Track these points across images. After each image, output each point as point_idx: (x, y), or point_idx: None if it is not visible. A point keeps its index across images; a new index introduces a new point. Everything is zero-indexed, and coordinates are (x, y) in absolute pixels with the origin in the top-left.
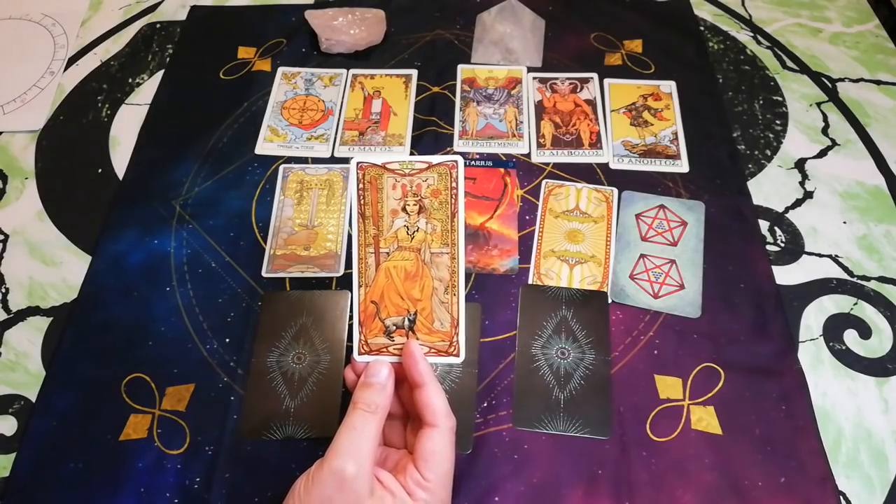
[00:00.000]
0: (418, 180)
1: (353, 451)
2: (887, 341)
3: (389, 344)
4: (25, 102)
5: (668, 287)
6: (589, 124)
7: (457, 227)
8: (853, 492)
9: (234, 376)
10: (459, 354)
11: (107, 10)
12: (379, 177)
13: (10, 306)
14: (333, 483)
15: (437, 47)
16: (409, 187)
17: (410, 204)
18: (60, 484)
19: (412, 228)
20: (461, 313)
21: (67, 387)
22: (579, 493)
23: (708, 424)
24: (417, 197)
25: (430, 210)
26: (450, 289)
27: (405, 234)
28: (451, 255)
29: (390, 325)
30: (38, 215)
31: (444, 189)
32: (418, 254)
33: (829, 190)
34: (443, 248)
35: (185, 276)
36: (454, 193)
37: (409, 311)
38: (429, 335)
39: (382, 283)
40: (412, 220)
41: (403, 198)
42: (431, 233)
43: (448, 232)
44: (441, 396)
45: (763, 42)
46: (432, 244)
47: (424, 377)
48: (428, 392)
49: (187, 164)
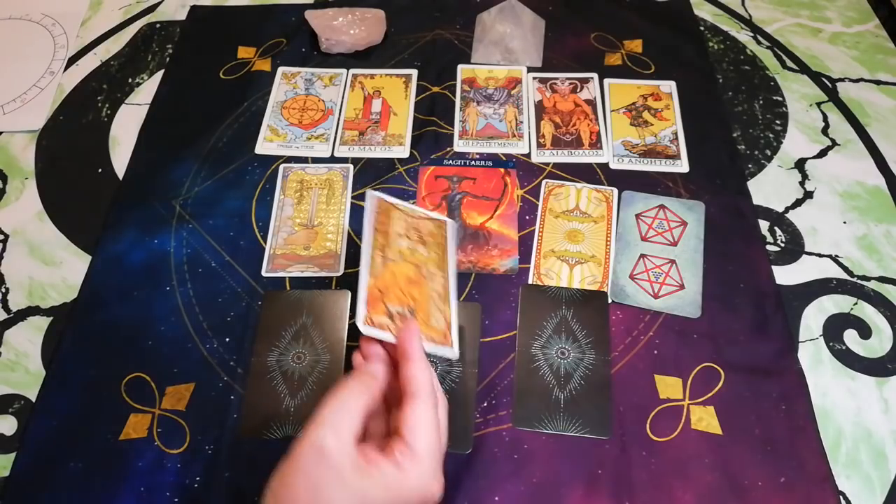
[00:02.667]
0: (419, 223)
1: (334, 423)
2: (887, 341)
3: (391, 325)
4: (25, 102)
5: (668, 287)
6: (589, 124)
7: (447, 260)
8: (853, 492)
9: (234, 376)
10: (452, 346)
11: (107, 10)
12: (391, 209)
13: (10, 306)
14: (312, 456)
15: (437, 47)
16: (411, 224)
17: (413, 236)
18: (60, 483)
19: (413, 249)
20: (454, 319)
21: (67, 386)
22: (579, 493)
23: (708, 424)
24: (419, 233)
25: (428, 243)
26: (444, 300)
27: (407, 251)
28: (444, 278)
29: (393, 311)
30: (38, 215)
31: (439, 236)
32: (418, 268)
33: (829, 190)
34: (438, 271)
35: (185, 276)
36: (445, 245)
37: (410, 304)
38: (426, 328)
39: (388, 279)
40: (414, 245)
41: (407, 230)
42: (428, 258)
43: (442, 261)
44: (428, 373)
45: (763, 42)
46: (429, 265)
47: (416, 352)
48: (415, 366)
49: (187, 163)
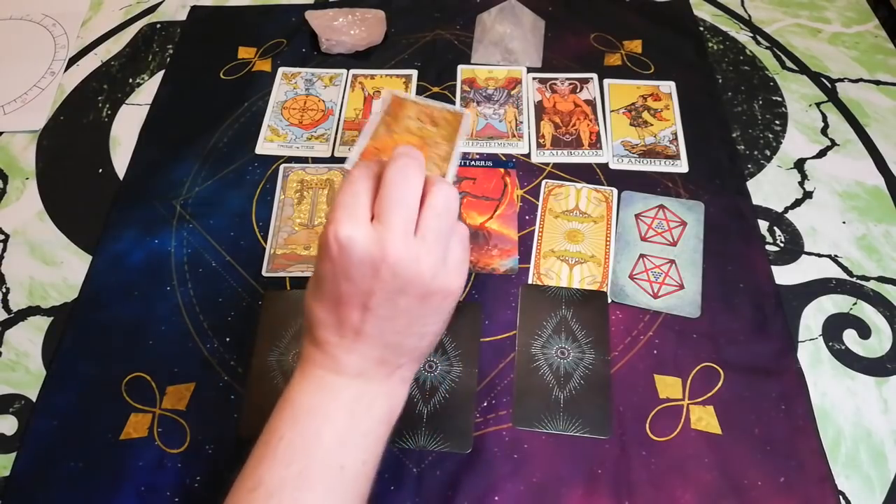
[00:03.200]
0: (433, 111)
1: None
2: (886, 341)
3: None
4: (26, 103)
5: (667, 287)
6: (589, 124)
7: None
8: (853, 491)
9: (235, 375)
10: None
11: (107, 10)
12: (404, 101)
13: (10, 306)
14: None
15: (437, 47)
16: (426, 112)
17: (424, 119)
18: (61, 483)
19: (422, 128)
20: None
21: (68, 386)
22: (579, 493)
23: (707, 424)
24: (431, 118)
25: (439, 125)
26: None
27: (415, 128)
28: (449, 148)
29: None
30: (39, 215)
31: (453, 122)
32: (423, 139)
33: (828, 190)
34: (444, 142)
35: (185, 276)
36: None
37: None
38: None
39: (387, 142)
40: (423, 125)
41: (419, 114)
42: (436, 133)
43: (451, 137)
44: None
45: (762, 42)
46: (436, 138)
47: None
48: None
49: (188, 163)
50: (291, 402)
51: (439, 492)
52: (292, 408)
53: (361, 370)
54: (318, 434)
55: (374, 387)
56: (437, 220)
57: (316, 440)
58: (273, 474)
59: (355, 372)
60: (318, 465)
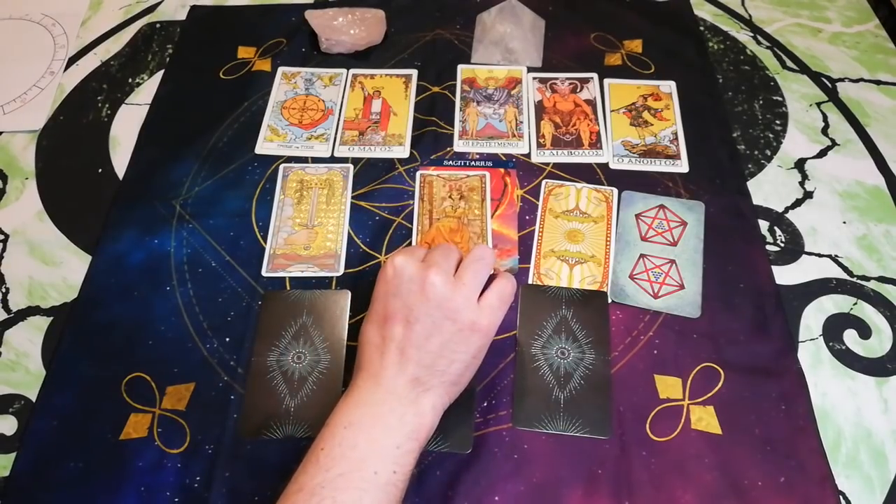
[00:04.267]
0: (460, 182)
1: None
2: (887, 341)
3: None
4: (25, 102)
5: (667, 287)
6: (589, 124)
7: (485, 206)
8: (853, 491)
9: (235, 375)
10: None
11: (107, 10)
12: (434, 179)
13: (10, 306)
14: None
15: (437, 47)
16: (454, 186)
17: (455, 196)
18: (60, 483)
19: (455, 206)
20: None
21: (67, 386)
22: (579, 493)
23: (708, 424)
24: (460, 192)
25: (467, 196)
26: (481, 237)
27: (451, 209)
28: (482, 220)
29: None
30: (38, 215)
31: (479, 189)
32: (459, 220)
33: (828, 190)
34: (477, 217)
35: (185, 276)
36: (484, 189)
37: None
38: None
39: (433, 233)
40: (456, 202)
41: (450, 192)
42: (468, 209)
43: (481, 207)
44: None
45: (763, 42)
46: (469, 215)
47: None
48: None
49: (187, 163)
50: (334, 418)
51: (439, 492)
52: (334, 424)
53: (397, 387)
54: (355, 444)
55: (406, 405)
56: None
57: (352, 449)
58: (314, 479)
59: (392, 388)
60: (353, 470)
